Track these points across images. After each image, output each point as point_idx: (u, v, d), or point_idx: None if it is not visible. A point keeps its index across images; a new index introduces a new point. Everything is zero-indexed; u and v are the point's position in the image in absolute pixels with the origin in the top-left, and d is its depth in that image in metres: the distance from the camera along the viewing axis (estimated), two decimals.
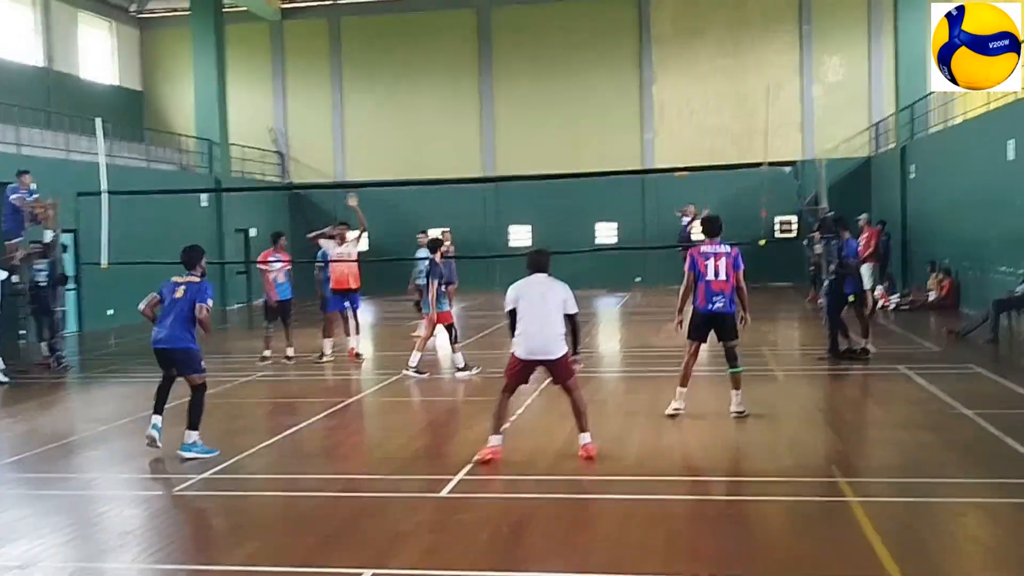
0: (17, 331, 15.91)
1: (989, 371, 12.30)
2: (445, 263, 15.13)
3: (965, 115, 20.88)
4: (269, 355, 14.98)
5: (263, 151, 32.20)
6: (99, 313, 21.49)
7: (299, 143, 33.19)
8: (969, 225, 19.44)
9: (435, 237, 14.39)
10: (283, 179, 32.84)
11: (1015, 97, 17.39)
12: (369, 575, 5.73)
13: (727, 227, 10.16)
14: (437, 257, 13.34)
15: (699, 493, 7.49)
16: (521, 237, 30.93)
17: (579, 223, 30.30)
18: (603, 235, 31.00)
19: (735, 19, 30.53)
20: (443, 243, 13.78)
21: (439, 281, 13.19)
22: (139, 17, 33.25)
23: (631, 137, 31.05)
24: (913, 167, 24.20)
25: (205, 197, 26.31)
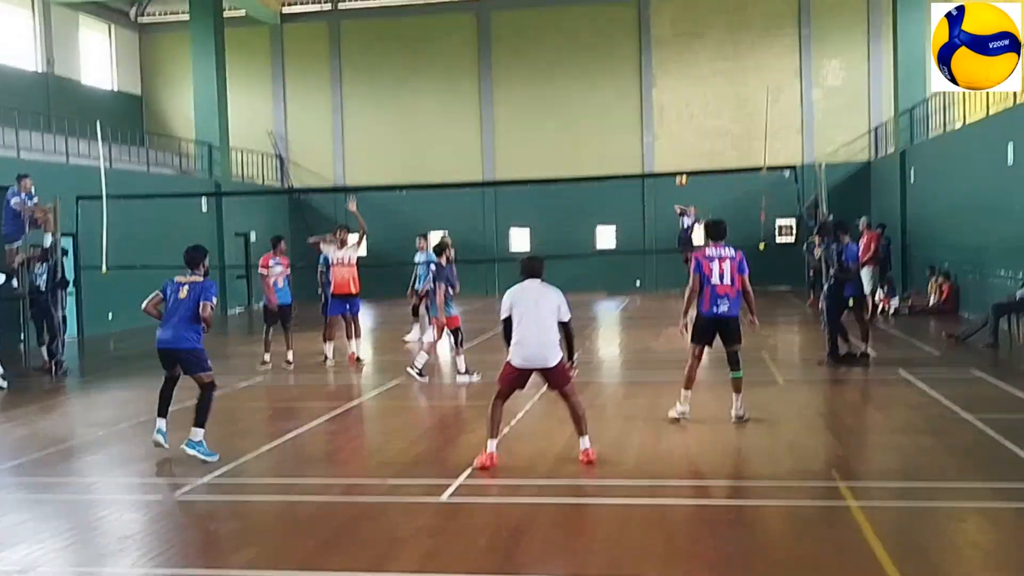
0: (17, 335, 15.91)
1: (989, 375, 12.29)
2: (447, 267, 15.12)
3: (965, 119, 20.89)
4: (269, 359, 14.99)
5: (263, 155, 32.21)
6: (99, 317, 21.49)
7: (299, 147, 33.21)
8: (969, 229, 19.44)
9: (441, 241, 14.29)
10: (283, 183, 32.84)
11: (1015, 101, 17.42)
12: None
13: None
14: (443, 260, 13.31)
15: (699, 497, 7.49)
16: (521, 240, 30.92)
17: (579, 226, 30.31)
18: (603, 238, 31.01)
19: (735, 22, 30.57)
20: (448, 246, 13.72)
21: (446, 284, 13.16)
22: (139, 22, 33.28)
23: (631, 140, 31.07)
24: (913, 171, 24.21)
25: (205, 201, 26.29)
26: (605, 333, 20.21)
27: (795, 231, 28.34)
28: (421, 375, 13.14)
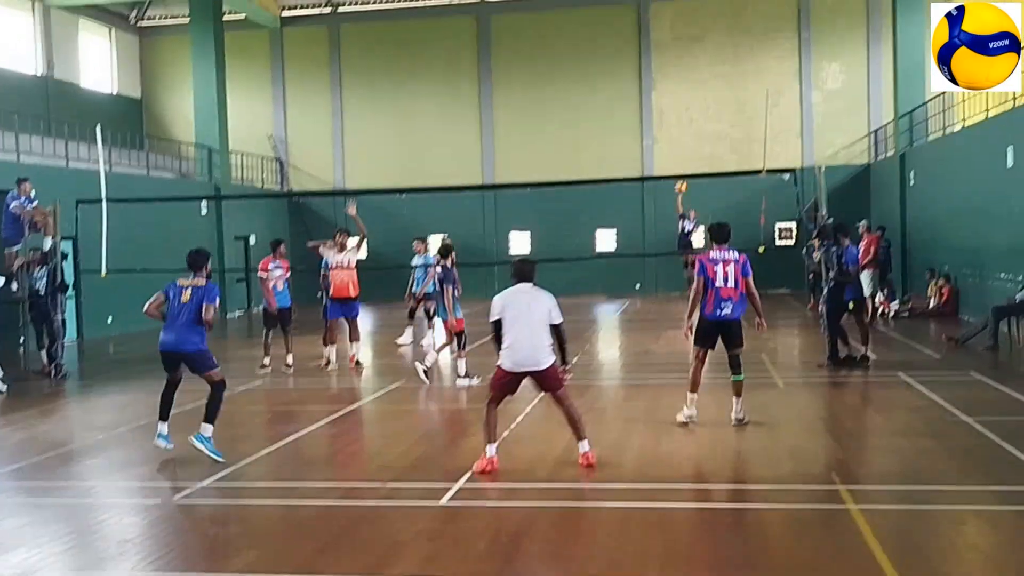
0: (17, 339, 15.91)
1: (989, 378, 12.29)
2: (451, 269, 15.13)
3: (964, 122, 20.90)
4: (268, 363, 14.98)
5: (263, 159, 32.22)
6: (99, 321, 21.49)
7: (298, 150, 33.22)
8: (968, 232, 19.45)
9: (446, 243, 14.43)
10: (283, 187, 32.85)
11: (1014, 104, 17.43)
12: None
13: None
14: (448, 262, 13.37)
15: (699, 500, 7.49)
16: (521, 244, 30.92)
17: (578, 230, 30.31)
18: (603, 242, 31.01)
19: (734, 26, 30.60)
20: (453, 248, 13.81)
21: (452, 286, 13.22)
22: (139, 25, 33.31)
23: (630, 143, 31.09)
24: (912, 174, 24.22)
25: (205, 205, 26.31)
26: (605, 336, 20.21)
27: (795, 234, 28.35)
28: (426, 375, 13.12)
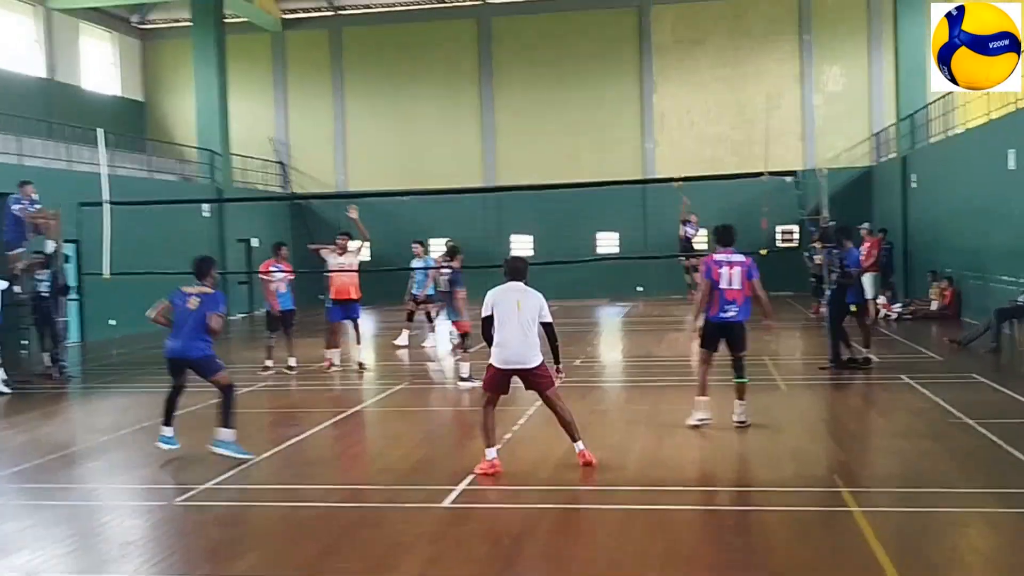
0: (19, 341, 15.91)
1: (991, 380, 12.28)
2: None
3: (966, 125, 20.90)
4: (271, 365, 15.00)
5: (264, 161, 32.25)
6: (101, 323, 21.50)
7: (300, 153, 33.25)
8: (970, 234, 19.45)
9: (453, 245, 14.53)
10: (285, 189, 32.88)
11: (1016, 107, 17.43)
12: None
13: None
14: (456, 264, 13.43)
15: (700, 503, 7.48)
16: (522, 246, 30.91)
17: (580, 232, 30.30)
18: (604, 244, 31.00)
19: (735, 29, 30.61)
20: (460, 250, 13.89)
21: (459, 289, 13.31)
22: (141, 28, 33.37)
23: (632, 146, 31.10)
24: (914, 176, 24.22)
25: (207, 207, 26.34)
26: (607, 338, 20.20)
27: (797, 237, 28.33)
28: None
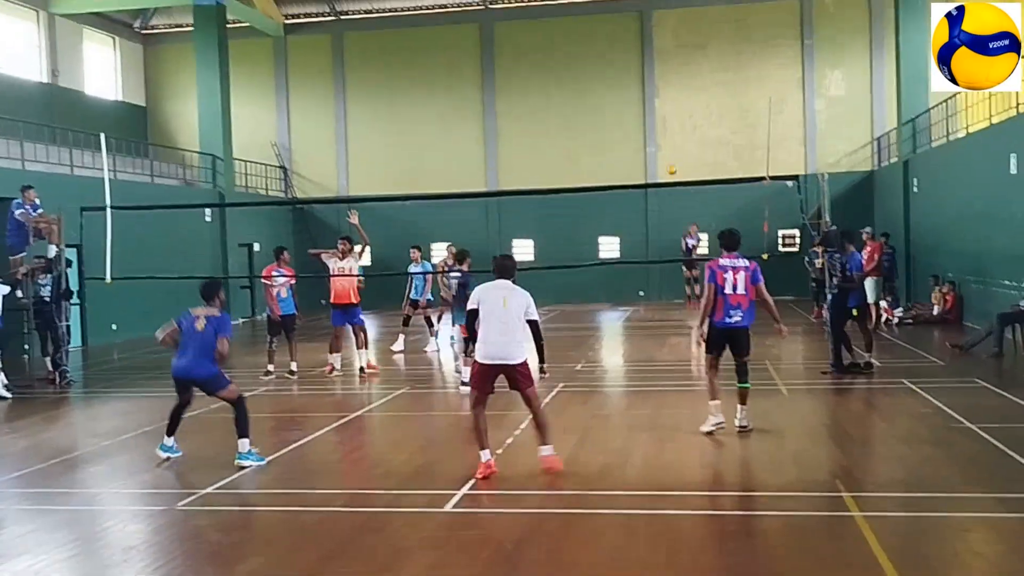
0: (21, 346, 15.94)
1: (993, 385, 12.27)
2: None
3: (968, 129, 20.90)
4: (272, 370, 15.00)
5: (266, 166, 32.28)
6: (103, 328, 21.52)
7: (302, 158, 33.28)
8: (972, 239, 19.43)
9: (462, 249, 14.62)
10: (287, 194, 32.90)
11: (1017, 111, 17.43)
12: None
13: None
14: (465, 267, 13.51)
15: (702, 508, 7.46)
16: (524, 251, 30.92)
17: (582, 237, 30.30)
18: (606, 249, 31.01)
19: (737, 33, 30.62)
20: (469, 254, 13.99)
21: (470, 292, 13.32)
22: (143, 33, 33.41)
23: (633, 150, 31.10)
24: (916, 181, 24.20)
25: (209, 212, 26.37)
26: (609, 343, 20.20)
27: (798, 241, 28.32)
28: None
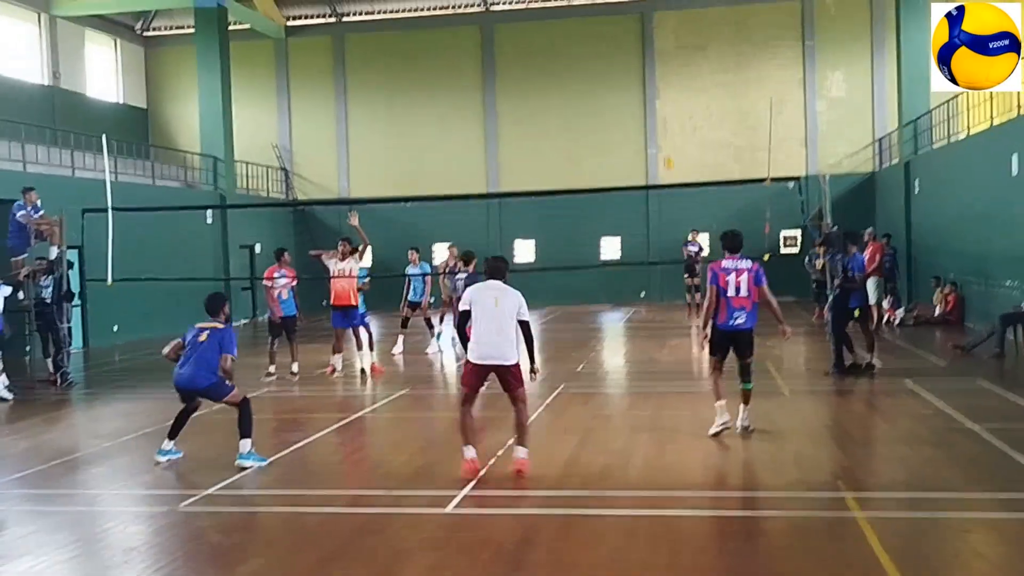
0: (22, 347, 15.94)
1: (995, 385, 12.26)
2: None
3: (969, 130, 20.89)
4: (273, 371, 15.00)
5: (267, 168, 32.29)
6: (104, 329, 21.52)
7: (303, 159, 33.30)
8: (974, 240, 19.42)
9: (468, 251, 14.70)
10: (287, 195, 32.92)
11: (1019, 112, 17.42)
12: None
13: None
14: (471, 269, 13.57)
15: (704, 508, 7.45)
16: (526, 252, 30.93)
17: (583, 238, 30.31)
18: (607, 250, 31.01)
19: (737, 35, 30.63)
20: (475, 256, 14.08)
21: None
22: (144, 35, 33.44)
23: (634, 152, 31.11)
24: (917, 182, 24.19)
25: (210, 214, 26.37)
26: (610, 344, 20.19)
27: (800, 242, 28.31)
28: None
